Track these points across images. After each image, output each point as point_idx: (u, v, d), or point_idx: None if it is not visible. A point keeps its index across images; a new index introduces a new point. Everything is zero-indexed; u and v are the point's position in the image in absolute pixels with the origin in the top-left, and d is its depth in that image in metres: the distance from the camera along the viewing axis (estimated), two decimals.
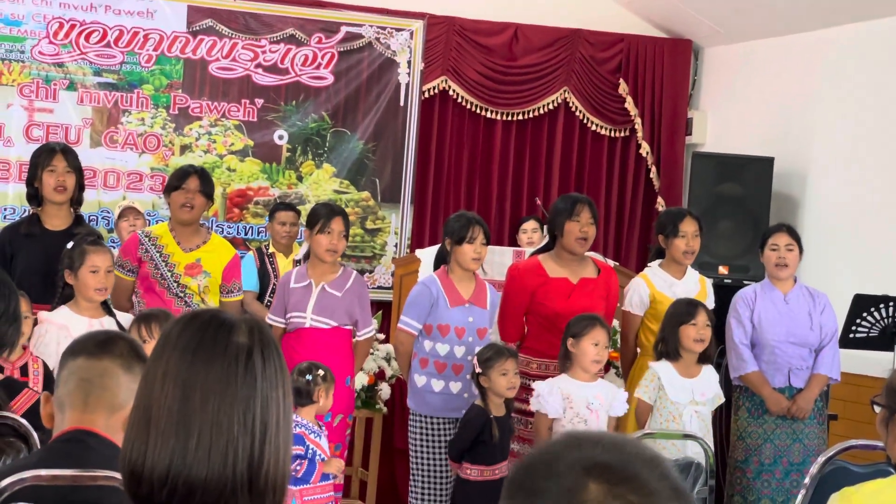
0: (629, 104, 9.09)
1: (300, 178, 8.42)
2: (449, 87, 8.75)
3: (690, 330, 5.67)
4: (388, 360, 7.13)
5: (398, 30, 8.57)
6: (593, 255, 6.38)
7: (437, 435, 5.87)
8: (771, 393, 6.09)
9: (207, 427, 1.70)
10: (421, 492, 5.87)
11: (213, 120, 8.23)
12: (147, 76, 8.09)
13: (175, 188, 6.03)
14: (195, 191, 6.00)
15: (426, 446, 5.88)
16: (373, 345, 7.19)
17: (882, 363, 6.53)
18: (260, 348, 1.76)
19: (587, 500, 1.30)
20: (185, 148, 8.18)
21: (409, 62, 8.60)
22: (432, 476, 5.86)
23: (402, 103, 8.60)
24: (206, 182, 6.08)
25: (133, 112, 8.06)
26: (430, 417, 5.88)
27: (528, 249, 7.15)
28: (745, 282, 7.20)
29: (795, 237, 6.17)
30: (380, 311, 7.65)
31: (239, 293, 6.23)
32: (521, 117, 8.92)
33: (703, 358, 5.75)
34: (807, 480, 3.82)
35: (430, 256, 6.40)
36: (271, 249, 7.38)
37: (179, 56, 8.13)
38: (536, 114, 8.96)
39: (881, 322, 6.61)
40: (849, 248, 7.77)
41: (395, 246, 8.59)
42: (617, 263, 7.79)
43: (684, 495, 1.34)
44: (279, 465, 1.74)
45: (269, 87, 8.33)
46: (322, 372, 5.32)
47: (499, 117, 8.87)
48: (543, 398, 5.45)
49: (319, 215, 5.89)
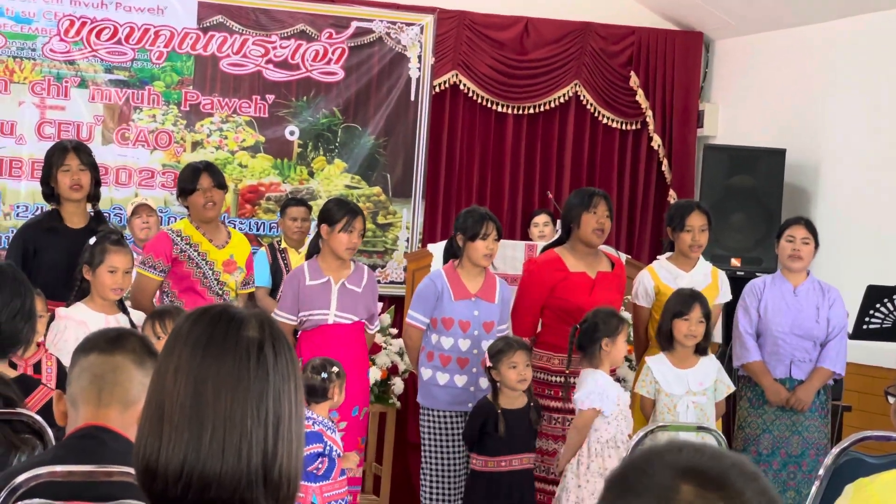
0: (640, 97, 9.08)
1: (311, 174, 8.43)
2: (460, 81, 8.74)
3: (682, 325, 5.68)
4: (400, 354, 7.14)
5: (408, 24, 8.57)
6: (604, 248, 6.37)
7: (445, 428, 5.88)
8: (771, 383, 6.10)
9: (221, 421, 1.70)
10: (430, 485, 5.88)
11: (225, 116, 8.24)
12: (158, 73, 8.10)
13: (191, 191, 5.97)
14: (211, 188, 5.95)
15: (435, 440, 5.89)
16: (385, 339, 7.21)
17: None
18: (271, 342, 1.76)
19: (678, 500, 1.32)
20: (196, 144, 8.20)
21: (419, 57, 8.59)
22: (442, 469, 5.87)
23: (412, 98, 8.60)
24: (216, 174, 6.04)
25: (144, 109, 8.08)
26: (437, 411, 5.90)
27: (540, 243, 7.14)
28: (757, 274, 7.19)
29: (813, 231, 6.19)
30: (392, 307, 7.66)
31: (252, 286, 6.25)
32: (532, 111, 8.92)
33: (701, 349, 5.76)
34: (821, 471, 3.81)
35: (441, 251, 6.40)
36: (283, 245, 7.39)
37: (190, 52, 8.15)
38: (547, 107, 8.95)
39: (895, 313, 6.59)
40: (861, 240, 7.75)
41: (407, 241, 8.59)
42: (629, 256, 7.78)
43: None
44: (293, 457, 1.75)
45: (280, 82, 8.34)
46: (336, 368, 5.30)
47: (510, 111, 8.87)
48: (605, 393, 5.38)
49: (342, 213, 5.81)
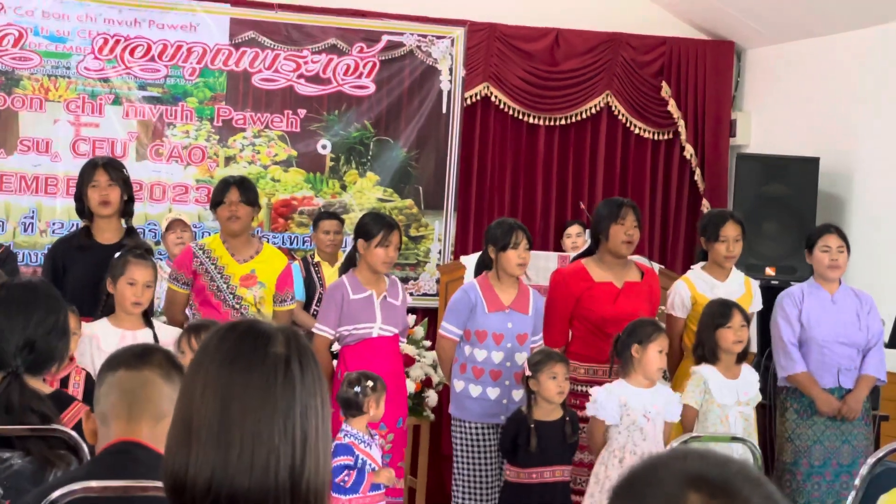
0: (672, 107, 9.05)
1: (344, 187, 8.45)
2: (491, 93, 8.75)
3: (728, 333, 5.63)
4: (434, 367, 7.15)
5: (439, 37, 8.59)
6: (636, 258, 6.37)
7: (477, 440, 5.88)
8: (821, 393, 6.05)
9: (248, 438, 1.71)
10: (463, 497, 5.89)
11: (257, 131, 8.28)
12: (191, 89, 8.15)
13: (219, 203, 6.04)
14: (237, 202, 5.99)
15: (467, 452, 5.90)
16: (419, 352, 7.22)
17: None
18: (297, 357, 1.77)
19: None
20: (229, 159, 8.24)
21: (450, 69, 8.61)
22: (474, 481, 5.87)
23: (444, 111, 8.61)
24: (246, 190, 6.06)
25: (178, 125, 8.13)
26: (469, 423, 5.90)
27: (573, 254, 7.14)
28: (791, 282, 7.14)
29: (845, 238, 6.16)
30: (425, 319, 7.66)
31: (292, 302, 6.24)
32: (563, 122, 8.91)
33: (740, 357, 5.72)
34: (857, 482, 3.80)
35: (474, 263, 6.41)
36: (316, 259, 7.41)
37: (223, 68, 8.20)
38: (579, 118, 8.94)
39: None
40: None
41: (439, 253, 8.60)
42: (662, 266, 7.76)
43: None
44: (319, 472, 1.75)
45: (312, 97, 8.38)
46: (371, 382, 5.31)
47: (541, 122, 8.87)
48: (600, 404, 5.39)
49: (378, 228, 5.85)
